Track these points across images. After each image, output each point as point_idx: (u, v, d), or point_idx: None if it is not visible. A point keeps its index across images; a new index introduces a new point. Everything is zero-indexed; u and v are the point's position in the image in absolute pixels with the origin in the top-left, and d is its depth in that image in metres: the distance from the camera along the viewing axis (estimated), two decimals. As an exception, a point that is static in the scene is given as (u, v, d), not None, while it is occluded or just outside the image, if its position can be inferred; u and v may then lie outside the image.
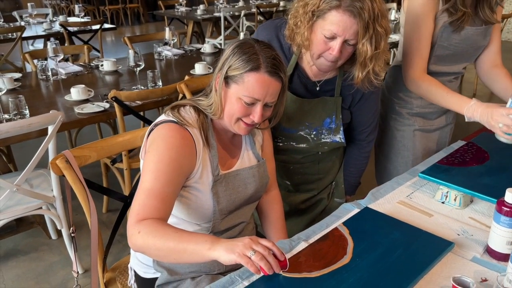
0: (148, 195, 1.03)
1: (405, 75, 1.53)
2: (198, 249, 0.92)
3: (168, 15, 6.41)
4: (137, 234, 0.97)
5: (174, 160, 1.06)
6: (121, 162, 2.30)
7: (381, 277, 0.95)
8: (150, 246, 0.97)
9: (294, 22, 1.26)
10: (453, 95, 1.44)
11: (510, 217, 1.00)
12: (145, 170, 1.06)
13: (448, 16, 1.45)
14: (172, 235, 0.96)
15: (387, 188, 1.38)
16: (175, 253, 0.94)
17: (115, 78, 2.87)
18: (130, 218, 1.02)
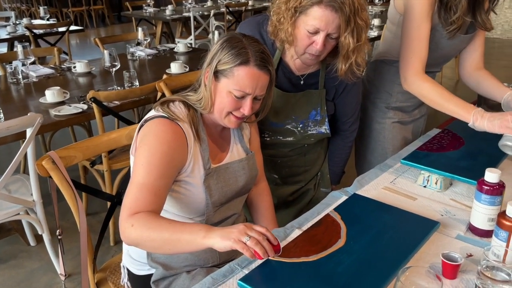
0: (141, 189, 1.03)
1: (405, 75, 1.52)
2: (193, 238, 0.94)
3: (136, 16, 6.34)
4: (131, 228, 0.98)
5: (166, 154, 1.07)
6: (101, 164, 2.27)
7: (375, 258, 0.99)
8: (144, 238, 0.98)
9: (277, 19, 1.29)
10: (458, 99, 1.43)
11: (490, 195, 1.06)
12: (137, 165, 1.07)
13: (442, 26, 1.50)
14: (166, 226, 0.97)
15: (371, 175, 1.43)
16: (169, 243, 0.96)
17: (88, 79, 2.83)
18: (122, 213, 1.02)
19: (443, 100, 1.45)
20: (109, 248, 2.40)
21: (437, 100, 1.46)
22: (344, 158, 1.68)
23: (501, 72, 5.83)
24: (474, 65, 1.67)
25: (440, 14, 1.47)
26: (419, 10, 1.45)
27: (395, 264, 0.97)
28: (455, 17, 1.44)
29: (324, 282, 0.91)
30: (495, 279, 0.89)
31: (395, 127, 1.77)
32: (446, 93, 1.45)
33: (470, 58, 1.67)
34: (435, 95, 1.46)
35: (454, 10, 1.44)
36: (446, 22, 1.48)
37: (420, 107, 1.82)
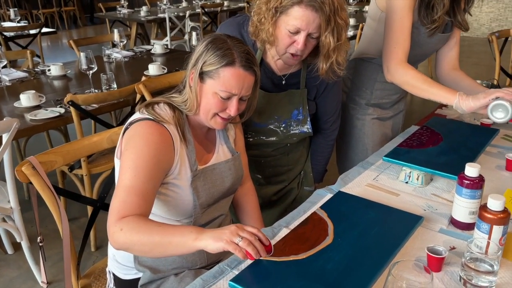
0: (128, 192, 1.02)
1: (388, 64, 1.54)
2: (184, 240, 0.93)
3: (110, 17, 6.23)
4: (119, 232, 0.97)
5: (153, 156, 1.06)
6: (80, 168, 2.23)
7: (363, 253, 1.01)
8: (134, 242, 0.97)
9: (258, 19, 1.30)
10: (440, 86, 1.47)
11: (471, 189, 1.10)
12: (124, 168, 1.05)
13: (422, 24, 1.54)
14: (156, 229, 0.97)
15: (354, 173, 1.45)
16: (160, 246, 0.95)
17: (64, 82, 2.78)
18: (111, 217, 1.01)
19: (427, 85, 1.48)
20: (90, 253, 2.36)
21: (421, 86, 1.49)
22: (326, 156, 1.70)
23: (471, 69, 5.99)
24: (450, 65, 1.72)
25: (420, 12, 1.51)
26: (402, 4, 1.48)
27: (382, 259, 0.99)
28: (437, 15, 1.48)
29: (314, 280, 0.92)
30: (479, 270, 0.92)
31: (375, 123, 1.81)
32: (429, 79, 1.49)
33: (447, 57, 1.72)
34: (419, 81, 1.49)
35: (436, 9, 1.48)
36: (426, 20, 1.52)
37: (398, 103, 1.87)
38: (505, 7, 7.95)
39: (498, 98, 1.32)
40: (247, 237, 0.91)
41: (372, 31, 1.68)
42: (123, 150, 1.09)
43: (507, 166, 1.43)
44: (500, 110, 1.32)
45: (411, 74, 1.50)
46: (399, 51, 1.51)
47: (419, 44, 1.59)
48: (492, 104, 1.33)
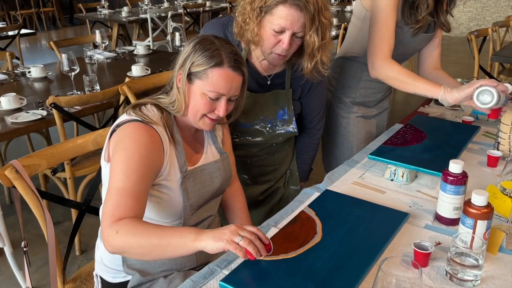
0: (121, 194, 1.01)
1: (373, 62, 1.55)
2: (183, 241, 0.93)
3: (90, 18, 6.16)
4: (115, 235, 0.96)
5: (144, 157, 1.05)
6: (63, 171, 2.20)
7: (351, 251, 1.02)
8: (131, 245, 0.95)
9: (242, 19, 1.30)
10: (425, 80, 1.50)
11: (455, 185, 1.12)
12: (115, 170, 1.04)
13: (405, 24, 1.56)
14: (154, 231, 0.95)
15: (340, 171, 1.47)
16: (158, 248, 0.94)
17: (45, 84, 2.73)
18: (105, 220, 0.99)
19: (412, 80, 1.50)
20: (75, 257, 2.33)
21: (406, 80, 1.51)
22: (311, 155, 1.72)
23: (450, 67, 6.10)
24: (433, 65, 1.76)
25: (404, 11, 1.54)
26: (386, 2, 1.51)
27: (370, 256, 1.01)
28: (421, 16, 1.51)
29: (304, 278, 0.93)
30: (464, 265, 0.95)
31: (359, 121, 1.83)
32: (414, 74, 1.52)
33: (430, 57, 1.75)
34: (405, 75, 1.51)
35: (421, 9, 1.51)
36: (409, 20, 1.55)
37: (383, 101, 1.89)
38: (483, 7, 8.13)
39: (482, 85, 1.36)
40: (247, 236, 0.91)
41: (357, 30, 1.70)
42: (113, 152, 1.08)
43: (488, 162, 1.47)
44: (486, 95, 1.36)
45: (397, 69, 1.52)
46: (384, 47, 1.53)
47: (402, 43, 1.62)
48: (477, 91, 1.36)
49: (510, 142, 1.48)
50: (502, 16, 7.85)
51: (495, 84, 1.34)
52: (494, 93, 1.33)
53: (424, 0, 1.50)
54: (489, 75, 3.68)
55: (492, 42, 3.74)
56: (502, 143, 1.51)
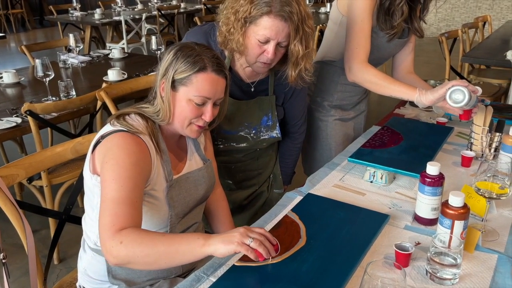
0: (118, 203, 1.00)
1: (350, 66, 1.59)
2: (191, 247, 0.93)
3: (62, 20, 6.04)
4: (119, 245, 0.94)
5: (135, 165, 1.05)
6: (40, 180, 2.16)
7: (336, 253, 1.04)
8: (137, 254, 0.94)
9: (227, 29, 1.30)
10: (401, 82, 1.54)
11: (432, 187, 1.16)
12: (107, 181, 1.03)
13: (380, 29, 1.60)
14: (160, 239, 0.96)
15: (321, 174, 1.49)
16: (166, 256, 0.94)
17: (18, 90, 2.66)
18: (105, 232, 0.97)
19: (387, 82, 1.54)
20: (53, 266, 2.28)
21: (382, 83, 1.55)
22: (294, 159, 1.74)
23: (422, 67, 6.25)
24: (407, 69, 1.82)
25: (379, 18, 1.58)
26: (362, 8, 1.54)
27: (354, 258, 1.03)
28: (396, 22, 1.55)
29: (291, 282, 0.95)
30: (443, 264, 0.98)
31: (337, 124, 1.87)
32: (389, 77, 1.57)
33: (404, 62, 1.81)
34: (380, 79, 1.55)
35: (396, 16, 1.55)
36: (385, 26, 1.59)
37: (359, 104, 1.93)
38: (452, 8, 8.36)
39: (454, 85, 1.41)
40: (257, 238, 0.93)
41: (333, 34, 1.73)
42: (101, 163, 1.06)
43: (462, 162, 1.52)
44: (458, 94, 1.41)
45: (373, 72, 1.56)
46: (360, 52, 1.56)
47: (377, 48, 1.66)
48: (449, 91, 1.41)
49: (482, 142, 1.54)
50: (470, 16, 8.10)
51: (466, 84, 1.40)
52: (465, 92, 1.39)
53: (399, 7, 1.54)
54: (460, 76, 3.79)
55: (462, 43, 3.86)
56: (475, 144, 1.56)
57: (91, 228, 1.19)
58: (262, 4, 1.23)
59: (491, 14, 7.93)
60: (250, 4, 1.23)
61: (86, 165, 1.14)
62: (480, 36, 4.50)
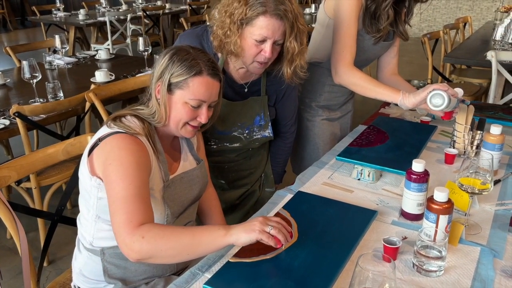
0: (130, 201, 1.02)
1: (337, 68, 1.63)
2: (213, 238, 0.97)
3: (45, 21, 5.98)
4: (141, 240, 0.97)
5: (139, 163, 1.07)
6: (28, 181, 2.15)
7: (326, 249, 1.08)
8: (160, 247, 0.97)
9: (222, 33, 1.32)
10: (385, 85, 1.59)
11: (418, 183, 1.20)
12: (114, 181, 1.04)
13: (366, 32, 1.64)
14: (183, 232, 1.00)
15: (310, 172, 1.53)
16: (190, 248, 0.98)
17: (3, 92, 2.64)
18: (122, 229, 1.00)
19: (373, 85, 1.59)
20: (43, 269, 2.27)
21: (367, 86, 1.60)
22: (285, 158, 1.78)
23: (406, 67, 6.36)
24: (391, 71, 1.87)
25: (365, 21, 1.62)
26: (348, 11, 1.59)
27: (344, 253, 1.07)
28: (382, 26, 1.60)
29: (284, 277, 0.98)
30: (429, 257, 1.03)
31: (324, 123, 1.91)
32: (374, 80, 1.61)
33: (389, 64, 1.86)
34: (365, 82, 1.60)
35: (382, 19, 1.60)
36: (371, 30, 1.64)
37: (346, 104, 1.98)
38: (433, 9, 8.52)
39: (434, 89, 1.46)
40: (275, 226, 0.98)
41: (320, 36, 1.77)
42: (104, 165, 1.08)
43: (446, 160, 1.57)
44: (438, 98, 1.46)
45: (359, 75, 1.61)
46: (346, 55, 1.61)
47: (363, 50, 1.70)
48: (430, 95, 1.47)
49: (464, 140, 1.60)
50: (451, 17, 8.26)
51: (446, 88, 1.45)
52: (445, 96, 1.44)
53: (385, 11, 1.58)
54: (442, 75, 3.89)
55: (443, 43, 3.95)
56: (457, 142, 1.62)
57: (86, 229, 1.21)
58: (257, 4, 1.25)
59: (472, 15, 8.11)
60: (245, 5, 1.26)
61: (83, 167, 1.15)
62: (461, 37, 4.60)
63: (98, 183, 1.10)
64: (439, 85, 1.47)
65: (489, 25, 4.68)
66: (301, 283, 0.96)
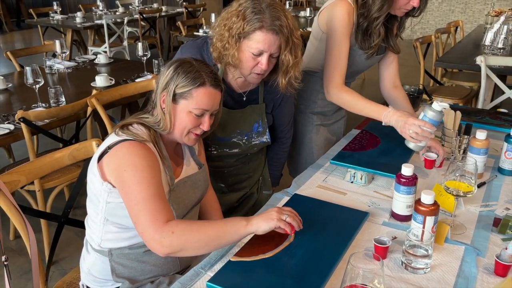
0: (151, 201, 1.10)
1: (327, 88, 1.73)
2: (236, 228, 1.09)
3: (43, 24, 6.01)
4: (172, 235, 1.06)
5: (152, 167, 1.15)
6: (32, 184, 2.21)
7: (322, 249, 1.16)
8: (189, 240, 1.08)
9: (221, 45, 1.40)
10: (372, 104, 1.66)
11: (407, 186, 1.28)
12: (132, 186, 1.12)
13: (359, 48, 1.72)
14: (208, 225, 1.12)
15: (306, 176, 1.61)
16: (216, 239, 1.08)
17: (5, 97, 2.69)
18: (150, 227, 1.08)
19: (360, 106, 1.68)
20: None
21: (355, 107, 1.70)
22: (282, 162, 1.86)
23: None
24: (391, 82, 1.92)
25: (357, 38, 1.70)
26: (339, 31, 1.66)
27: (337, 252, 1.15)
28: (374, 43, 1.67)
29: (282, 275, 1.06)
30: (416, 255, 1.10)
31: (319, 129, 1.99)
32: (361, 101, 1.68)
33: (388, 76, 1.92)
34: (353, 103, 1.70)
35: (374, 37, 1.67)
36: (363, 45, 1.71)
37: (339, 111, 2.06)
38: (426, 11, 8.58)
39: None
40: (290, 214, 1.11)
41: (314, 49, 1.85)
42: (118, 172, 1.14)
43: (425, 165, 1.63)
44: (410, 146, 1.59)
45: (346, 97, 1.70)
46: (336, 76, 1.70)
47: (356, 63, 1.79)
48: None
49: (452, 144, 1.68)
50: (444, 19, 8.37)
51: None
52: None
53: (376, 30, 1.66)
54: (434, 79, 3.98)
55: (435, 48, 4.04)
56: (446, 146, 1.70)
57: (94, 231, 1.27)
58: (254, 20, 1.33)
59: (464, 17, 8.23)
60: (242, 20, 1.33)
61: (92, 173, 1.21)
62: (453, 40, 4.70)
63: (109, 188, 1.17)
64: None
65: (480, 29, 4.78)
66: (298, 280, 1.04)
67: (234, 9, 1.36)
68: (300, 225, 1.13)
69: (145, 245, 1.25)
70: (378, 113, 1.63)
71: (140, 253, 1.26)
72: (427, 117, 1.52)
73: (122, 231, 1.24)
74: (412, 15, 1.71)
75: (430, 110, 1.51)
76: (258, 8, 1.33)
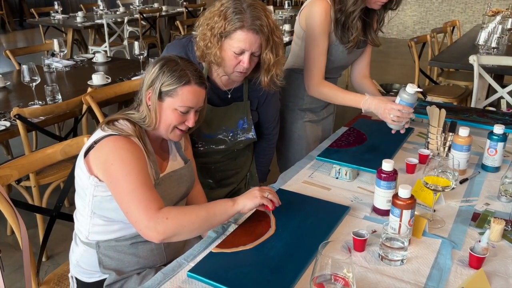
0: (141, 191, 1.14)
1: (308, 84, 1.80)
2: (224, 208, 1.18)
3: (44, 23, 6.07)
4: (166, 221, 1.12)
5: (138, 159, 1.19)
6: (28, 180, 2.25)
7: (301, 241, 1.19)
8: (184, 224, 1.14)
9: (204, 44, 1.44)
10: (349, 94, 1.75)
11: (387, 181, 1.31)
12: (120, 178, 1.15)
13: (340, 43, 1.76)
14: (199, 208, 1.20)
15: (292, 172, 1.64)
16: (208, 220, 1.16)
17: (3, 95, 2.74)
18: (143, 216, 1.12)
19: (340, 98, 1.78)
20: (42, 264, 2.37)
21: (335, 99, 1.80)
22: (269, 158, 1.90)
23: (397, 69, 6.47)
24: (362, 74, 2.00)
25: (337, 33, 1.74)
26: (317, 29, 1.71)
27: (316, 244, 1.16)
28: (352, 37, 1.71)
29: (260, 265, 1.09)
30: (393, 247, 1.13)
31: (307, 126, 2.02)
32: (340, 92, 1.79)
33: (359, 67, 1.99)
34: (333, 96, 1.80)
35: (351, 31, 1.71)
36: (343, 40, 1.75)
37: (327, 107, 2.09)
38: (426, 11, 8.64)
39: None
40: (270, 191, 1.23)
41: (298, 48, 1.89)
42: (105, 166, 1.17)
43: (420, 160, 1.67)
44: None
45: (326, 91, 1.80)
46: (316, 73, 1.78)
47: (338, 59, 1.83)
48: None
49: (437, 141, 1.71)
50: (444, 19, 8.38)
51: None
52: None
53: (353, 24, 1.70)
54: (429, 78, 4.00)
55: (431, 47, 4.06)
56: (431, 143, 1.73)
57: (82, 224, 1.31)
58: (235, 20, 1.36)
59: (464, 17, 8.24)
60: (224, 20, 1.37)
61: (81, 167, 1.24)
62: (449, 40, 4.72)
63: (95, 181, 1.21)
64: None
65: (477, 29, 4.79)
66: (275, 270, 1.07)
67: (216, 9, 1.40)
68: (279, 201, 1.23)
69: (131, 238, 1.29)
70: (357, 101, 1.71)
71: (127, 245, 1.30)
72: (404, 101, 1.59)
73: (108, 224, 1.27)
74: (390, 7, 1.75)
75: (405, 94, 1.57)
76: (239, 8, 1.36)
